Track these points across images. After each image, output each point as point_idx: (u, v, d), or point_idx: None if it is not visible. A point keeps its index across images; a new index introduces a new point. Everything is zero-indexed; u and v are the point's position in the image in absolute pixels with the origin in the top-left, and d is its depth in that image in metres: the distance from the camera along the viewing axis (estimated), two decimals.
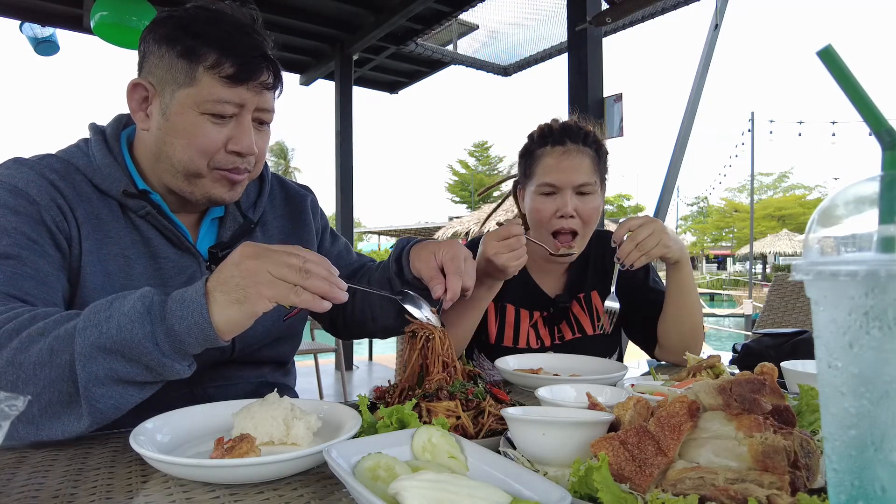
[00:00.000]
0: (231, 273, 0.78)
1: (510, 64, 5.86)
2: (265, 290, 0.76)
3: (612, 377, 1.15)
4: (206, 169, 1.00)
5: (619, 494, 0.53)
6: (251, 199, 1.20)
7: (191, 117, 0.97)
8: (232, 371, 1.14)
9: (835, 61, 0.41)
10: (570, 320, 1.57)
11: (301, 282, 0.77)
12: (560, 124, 1.51)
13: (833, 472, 0.39)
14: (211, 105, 0.96)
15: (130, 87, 1.00)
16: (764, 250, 29.46)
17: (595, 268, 1.61)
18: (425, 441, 0.67)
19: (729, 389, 0.60)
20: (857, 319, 0.36)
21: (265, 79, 0.99)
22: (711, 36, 4.31)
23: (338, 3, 4.99)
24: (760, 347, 1.38)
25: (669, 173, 4.23)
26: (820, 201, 0.41)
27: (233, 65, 0.95)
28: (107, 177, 1.01)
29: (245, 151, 1.00)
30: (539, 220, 1.48)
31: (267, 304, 0.77)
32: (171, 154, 0.99)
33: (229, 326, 0.78)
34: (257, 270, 0.77)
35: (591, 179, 1.45)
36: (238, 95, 0.97)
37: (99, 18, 3.56)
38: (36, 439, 0.78)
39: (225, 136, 0.99)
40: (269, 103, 1.03)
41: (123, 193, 1.01)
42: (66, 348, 0.74)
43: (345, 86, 5.91)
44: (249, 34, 0.98)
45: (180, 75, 0.96)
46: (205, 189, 1.02)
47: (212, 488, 0.66)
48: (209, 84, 0.95)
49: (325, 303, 0.79)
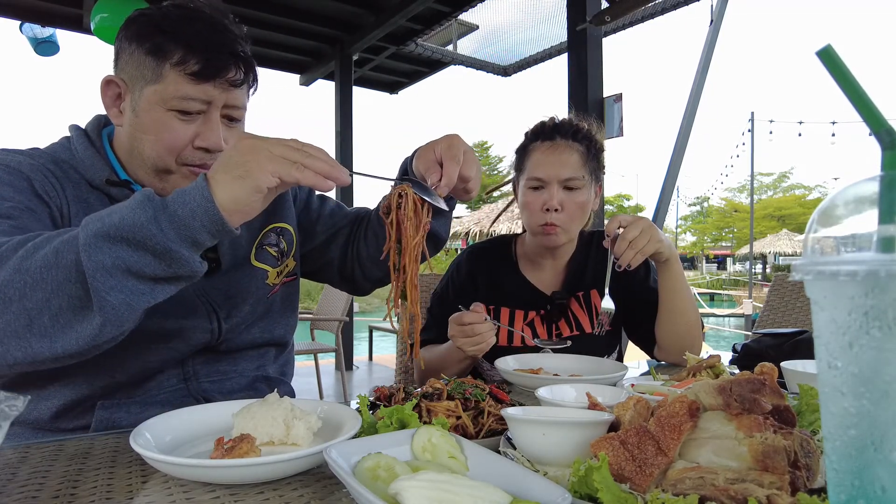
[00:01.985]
0: (230, 154, 0.78)
1: (510, 64, 5.86)
2: (267, 163, 0.76)
3: (612, 377, 1.15)
4: (174, 165, 1.01)
5: (619, 494, 0.53)
6: None
7: (157, 114, 0.98)
8: (226, 365, 1.14)
9: (834, 61, 0.41)
10: (569, 318, 1.57)
11: (302, 160, 0.78)
12: (553, 121, 1.54)
13: (833, 472, 0.39)
14: (177, 101, 0.97)
15: (103, 83, 1.02)
16: (764, 250, 29.47)
17: (595, 266, 1.61)
18: (425, 441, 0.67)
19: (729, 389, 0.60)
20: (856, 319, 0.36)
21: (233, 75, 1.00)
22: (711, 35, 4.32)
23: (338, 3, 4.99)
24: (760, 347, 1.38)
25: (669, 173, 4.23)
26: (820, 201, 0.41)
27: (198, 61, 0.96)
28: (90, 167, 1.03)
29: (212, 148, 1.01)
30: (529, 214, 1.52)
31: (270, 179, 0.76)
32: (141, 150, 1.01)
33: (235, 205, 0.77)
34: (257, 148, 0.78)
35: (577, 174, 1.47)
36: (204, 92, 0.98)
37: (99, 21, 3.57)
38: (51, 353, 0.75)
39: (192, 133, 1.00)
40: (238, 100, 1.03)
41: (107, 182, 1.03)
42: (70, 248, 0.73)
43: (345, 86, 5.92)
44: (220, 31, 0.99)
45: (148, 72, 0.97)
46: (175, 185, 1.03)
47: (212, 488, 0.66)
48: (175, 80, 0.96)
49: (328, 182, 0.79)
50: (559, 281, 1.62)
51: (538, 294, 1.59)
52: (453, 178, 0.95)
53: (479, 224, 12.79)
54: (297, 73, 6.46)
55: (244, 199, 0.77)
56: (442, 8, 4.83)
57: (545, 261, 1.62)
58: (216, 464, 0.64)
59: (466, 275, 1.63)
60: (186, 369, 1.10)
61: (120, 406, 1.04)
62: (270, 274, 1.20)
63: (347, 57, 5.75)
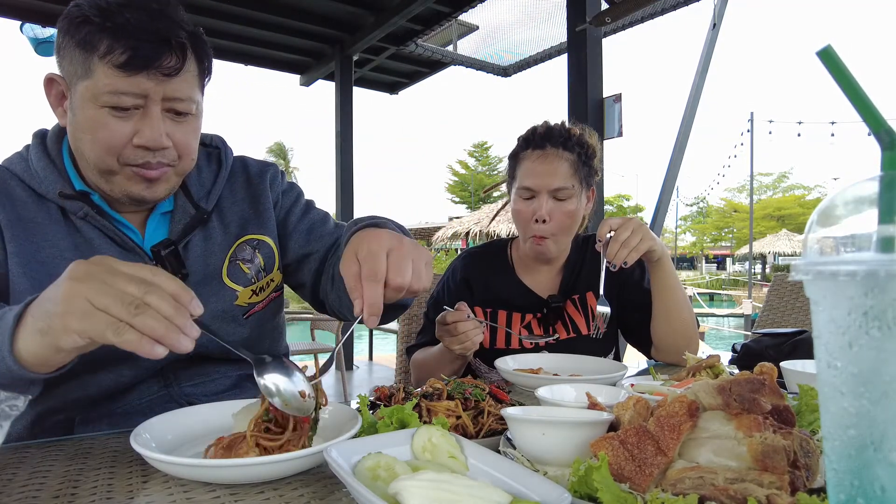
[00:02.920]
0: (50, 294, 0.66)
1: (510, 64, 5.86)
2: (74, 322, 0.63)
3: (612, 377, 1.15)
4: (116, 165, 0.93)
5: (618, 494, 0.53)
6: (206, 186, 1.12)
7: (91, 111, 0.90)
8: (209, 367, 1.10)
9: (834, 62, 0.41)
10: (565, 320, 1.58)
11: (128, 318, 0.62)
12: (545, 127, 1.53)
13: (832, 472, 0.39)
14: (108, 97, 0.88)
15: (45, 82, 0.96)
16: (763, 250, 29.48)
17: (590, 269, 1.62)
18: (425, 441, 0.67)
19: (728, 389, 0.60)
20: (856, 319, 0.36)
21: (168, 63, 0.89)
22: (710, 36, 4.32)
23: (338, 4, 4.99)
24: (760, 347, 1.38)
25: (669, 173, 4.23)
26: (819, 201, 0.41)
27: (125, 51, 0.86)
28: (43, 180, 0.98)
29: (151, 145, 0.92)
30: (519, 223, 1.53)
31: (75, 340, 0.64)
32: (82, 150, 0.94)
33: (34, 359, 0.67)
34: (73, 296, 0.63)
35: (567, 184, 1.47)
36: (137, 85, 0.88)
37: None
38: None
39: (130, 130, 0.91)
40: (180, 91, 0.92)
41: (60, 195, 0.97)
42: None
43: (345, 86, 5.92)
44: (153, 18, 0.89)
45: (79, 67, 0.89)
46: (121, 186, 0.96)
47: (212, 488, 0.66)
48: (104, 74, 0.87)
49: (156, 348, 0.63)
50: (555, 284, 1.63)
51: (534, 297, 1.60)
52: (376, 301, 0.77)
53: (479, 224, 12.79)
54: (298, 73, 6.46)
55: (42, 356, 0.67)
56: (442, 8, 4.83)
57: (540, 265, 1.63)
58: (216, 464, 0.64)
59: (462, 279, 1.64)
60: (166, 375, 1.06)
61: (101, 419, 1.01)
62: (241, 294, 1.10)
63: (347, 57, 5.75)
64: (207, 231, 1.09)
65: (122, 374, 1.01)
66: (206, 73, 1.00)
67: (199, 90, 0.98)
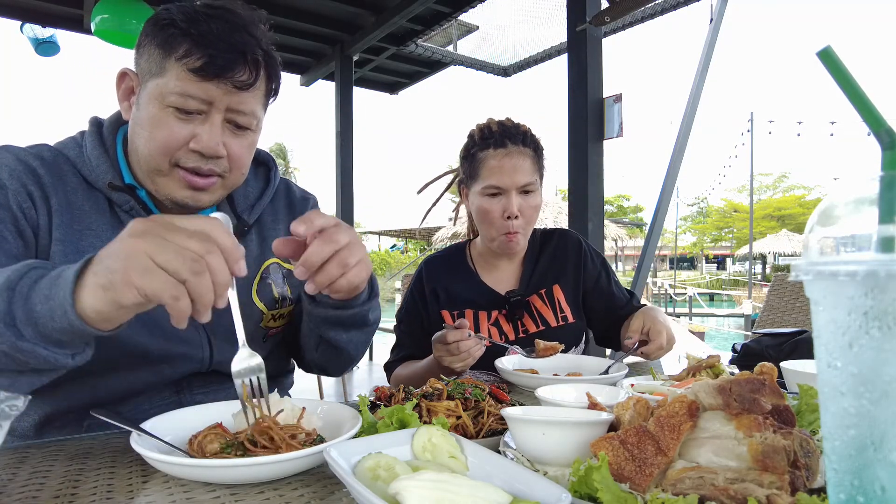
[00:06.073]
0: (111, 249, 0.65)
1: (510, 64, 5.86)
2: (136, 277, 0.62)
3: (612, 377, 1.15)
4: (167, 166, 0.95)
5: (619, 494, 0.53)
6: (250, 200, 1.15)
7: (155, 108, 0.93)
8: (222, 377, 1.10)
9: (834, 62, 0.41)
10: (533, 314, 1.60)
11: (190, 277, 0.62)
12: (498, 125, 1.56)
13: (833, 472, 0.39)
14: (175, 98, 0.91)
15: (118, 76, 0.99)
16: (763, 250, 29.48)
17: (551, 262, 1.65)
18: (425, 441, 0.67)
19: (728, 389, 0.60)
20: (856, 319, 0.36)
21: (240, 76, 0.92)
22: (710, 35, 4.32)
23: (338, 4, 4.99)
24: (760, 347, 1.39)
25: (669, 173, 4.23)
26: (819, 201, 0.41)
27: (201, 57, 0.90)
28: (94, 169, 0.99)
29: (207, 152, 0.94)
30: (488, 221, 1.54)
31: (135, 296, 0.63)
32: (138, 146, 0.96)
33: (98, 315, 0.66)
34: (135, 252, 0.62)
35: (532, 179, 1.52)
36: (205, 91, 0.91)
37: (100, 21, 3.57)
38: None
39: (189, 133, 0.93)
40: (244, 105, 0.95)
41: (109, 186, 0.98)
42: None
43: (345, 86, 5.91)
44: (236, 31, 0.93)
45: (154, 65, 0.93)
46: (167, 189, 0.97)
47: (212, 488, 0.66)
48: (176, 75, 0.91)
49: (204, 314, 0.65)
50: (515, 279, 1.65)
51: (495, 295, 1.62)
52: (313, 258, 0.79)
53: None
54: (298, 73, 6.45)
55: (105, 313, 0.66)
56: (442, 8, 4.82)
57: (500, 262, 1.65)
58: (216, 464, 0.64)
59: (426, 285, 1.66)
60: (179, 382, 1.06)
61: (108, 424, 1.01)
62: (265, 316, 1.12)
63: (348, 57, 5.74)
64: (244, 244, 1.11)
65: (133, 384, 1.01)
66: (273, 93, 1.03)
67: (262, 108, 1.01)
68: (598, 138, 3.37)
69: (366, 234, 29.88)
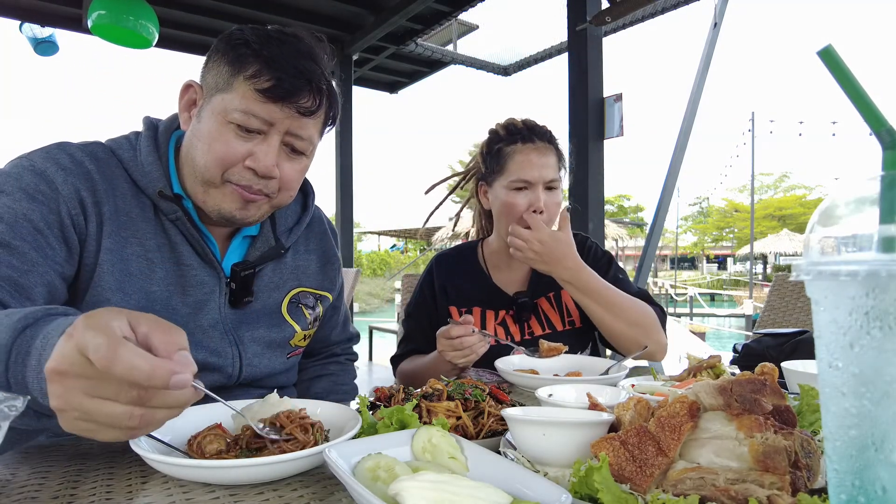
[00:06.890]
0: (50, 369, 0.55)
1: (510, 64, 5.86)
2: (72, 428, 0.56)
3: (612, 377, 1.15)
4: (219, 179, 0.96)
5: (619, 495, 0.53)
6: (288, 224, 1.18)
7: (217, 123, 0.95)
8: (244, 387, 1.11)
9: (835, 61, 0.41)
10: (540, 316, 1.60)
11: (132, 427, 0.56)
12: (523, 122, 1.58)
13: (834, 473, 0.39)
14: (238, 115, 0.93)
15: (182, 87, 1.01)
16: (764, 250, 29.46)
17: None
18: (425, 441, 0.67)
19: (729, 390, 0.60)
20: (857, 319, 0.36)
21: (304, 102, 0.95)
22: (711, 35, 4.31)
23: (338, 3, 4.99)
24: (761, 347, 1.39)
25: (670, 173, 4.23)
26: (820, 201, 0.40)
27: (270, 79, 0.92)
28: (146, 174, 0.99)
29: (261, 171, 0.96)
30: (514, 215, 1.53)
31: None
32: (193, 157, 0.98)
33: None
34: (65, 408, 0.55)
35: (557, 175, 1.53)
36: (268, 112, 0.94)
37: (96, 17, 3.56)
38: None
39: (246, 151, 0.95)
40: (304, 130, 0.98)
41: (158, 194, 0.99)
42: None
43: (345, 86, 5.91)
44: (304, 58, 0.95)
45: (221, 81, 0.95)
46: (216, 201, 0.99)
47: (212, 489, 0.66)
48: (242, 93, 0.93)
49: None
50: (524, 281, 1.65)
51: (504, 295, 1.62)
52: None
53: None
54: None
55: None
56: (442, 8, 4.82)
57: (512, 262, 1.65)
58: (216, 464, 0.64)
59: (436, 281, 1.66)
60: None
61: None
62: (297, 335, 1.16)
63: (347, 57, 5.74)
64: (279, 265, 1.15)
65: None
66: (331, 122, 1.05)
67: (318, 135, 1.04)
68: (598, 138, 3.37)
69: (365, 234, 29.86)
